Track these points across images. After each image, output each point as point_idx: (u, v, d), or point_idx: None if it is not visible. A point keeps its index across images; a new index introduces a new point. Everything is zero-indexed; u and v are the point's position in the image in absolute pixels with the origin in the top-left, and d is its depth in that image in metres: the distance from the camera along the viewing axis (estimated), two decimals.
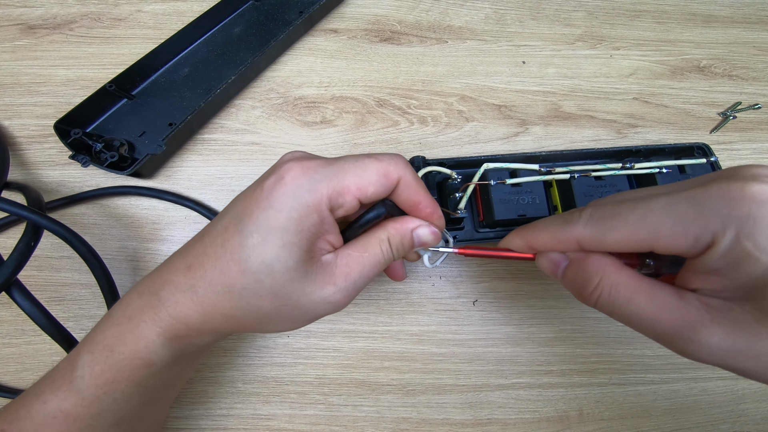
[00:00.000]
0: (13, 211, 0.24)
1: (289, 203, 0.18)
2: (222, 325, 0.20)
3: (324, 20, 0.37)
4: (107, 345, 0.19)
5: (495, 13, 0.38)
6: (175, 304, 0.19)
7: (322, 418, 0.30)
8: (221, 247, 0.19)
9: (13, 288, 0.23)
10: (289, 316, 0.20)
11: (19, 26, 0.35)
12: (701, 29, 0.39)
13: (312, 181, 0.18)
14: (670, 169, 0.29)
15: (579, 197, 0.29)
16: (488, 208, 0.29)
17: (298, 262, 0.18)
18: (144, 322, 0.19)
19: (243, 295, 0.19)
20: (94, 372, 0.19)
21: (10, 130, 0.33)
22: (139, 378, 0.19)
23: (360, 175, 0.19)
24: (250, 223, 0.18)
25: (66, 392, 0.19)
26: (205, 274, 0.19)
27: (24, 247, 0.24)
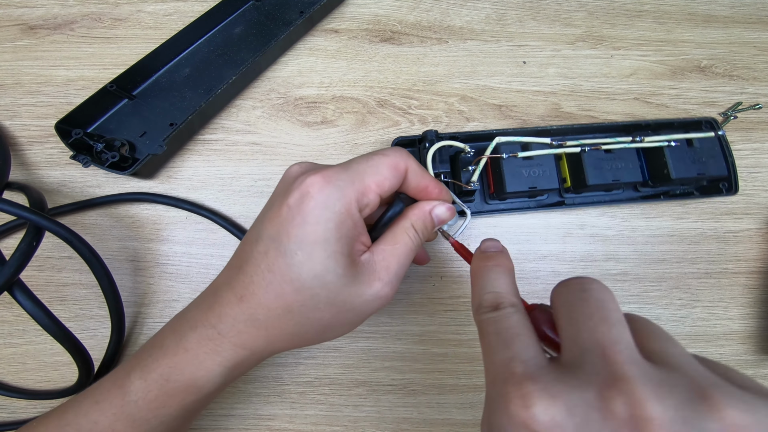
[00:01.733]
0: (15, 212, 0.24)
1: (324, 215, 0.19)
2: (284, 344, 0.21)
3: (324, 20, 0.37)
4: (162, 374, 0.20)
5: (495, 14, 0.38)
6: (238, 335, 0.20)
7: (322, 418, 0.30)
8: (269, 272, 0.19)
9: (15, 288, 0.23)
10: (346, 321, 0.21)
11: (20, 26, 0.35)
12: (702, 29, 0.39)
13: (338, 188, 0.19)
14: (678, 143, 0.30)
15: (589, 170, 0.29)
16: (499, 180, 0.29)
17: (345, 267, 0.19)
18: (205, 354, 0.20)
19: (303, 312, 0.20)
20: (148, 398, 0.20)
21: (11, 131, 0.33)
22: (188, 403, 0.20)
23: (376, 173, 0.20)
24: (290, 242, 0.19)
25: (117, 414, 0.20)
26: (261, 302, 0.20)
27: (26, 247, 0.24)
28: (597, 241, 0.33)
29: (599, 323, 0.14)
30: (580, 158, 0.30)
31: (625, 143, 0.29)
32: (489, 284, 0.19)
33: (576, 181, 0.31)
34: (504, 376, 0.15)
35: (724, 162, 0.31)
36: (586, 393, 0.13)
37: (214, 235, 0.32)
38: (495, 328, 0.17)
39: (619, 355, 0.13)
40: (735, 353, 0.32)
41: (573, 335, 0.15)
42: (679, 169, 0.30)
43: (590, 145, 0.29)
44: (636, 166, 0.30)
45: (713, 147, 0.31)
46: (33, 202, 0.28)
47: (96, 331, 0.30)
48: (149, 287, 0.31)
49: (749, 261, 0.34)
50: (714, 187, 0.33)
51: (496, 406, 0.14)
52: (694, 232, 0.34)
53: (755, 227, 0.34)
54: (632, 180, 0.30)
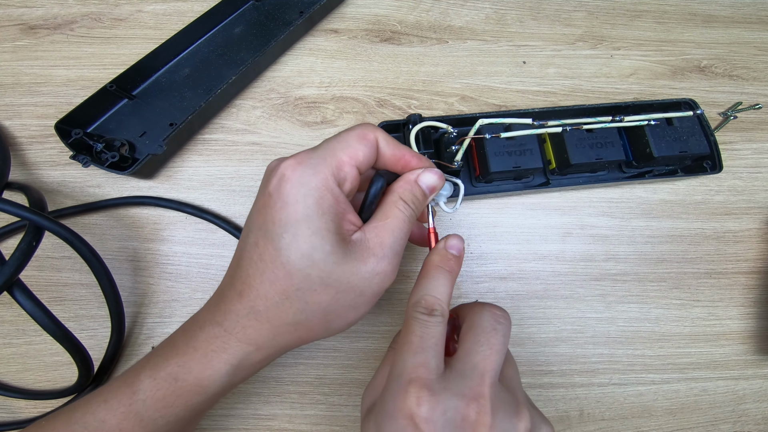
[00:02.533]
0: (15, 212, 0.24)
1: (301, 192, 0.19)
2: (291, 336, 0.21)
3: (324, 20, 0.37)
4: (171, 373, 0.20)
5: (495, 13, 0.38)
6: (243, 330, 0.20)
7: (322, 418, 0.30)
8: (260, 261, 0.19)
9: (14, 288, 0.23)
10: (349, 304, 0.20)
11: (20, 26, 0.35)
12: (702, 29, 0.39)
13: (311, 166, 0.20)
14: (658, 122, 0.30)
15: (571, 148, 0.30)
16: (484, 161, 0.30)
17: (334, 244, 0.19)
18: (212, 352, 0.20)
19: (300, 296, 0.19)
20: (155, 396, 0.20)
21: (11, 131, 0.33)
22: (194, 403, 0.20)
23: (346, 146, 0.20)
24: (275, 227, 0.19)
25: (125, 413, 0.20)
26: (259, 293, 0.20)
27: (26, 247, 0.24)
28: (597, 241, 0.33)
29: (492, 353, 0.20)
30: (563, 138, 0.30)
31: (605, 123, 0.30)
32: (434, 286, 0.21)
33: (560, 161, 0.31)
34: (411, 376, 0.19)
35: (705, 140, 0.31)
36: (459, 401, 0.18)
37: (213, 235, 0.32)
38: (421, 332, 0.20)
39: (489, 378, 0.19)
40: (735, 353, 0.32)
41: (471, 351, 0.20)
42: (660, 147, 0.30)
43: (571, 125, 0.29)
44: (619, 146, 0.31)
45: (693, 126, 0.31)
46: (33, 202, 0.28)
47: (96, 331, 0.30)
48: (149, 287, 0.31)
49: (749, 261, 0.34)
50: (698, 166, 0.33)
51: (393, 394, 0.19)
52: (694, 232, 0.34)
53: (755, 227, 0.34)
54: (616, 158, 0.31)
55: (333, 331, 0.21)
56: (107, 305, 0.28)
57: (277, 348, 0.21)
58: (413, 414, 0.18)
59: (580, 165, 0.30)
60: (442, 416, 0.18)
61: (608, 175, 0.33)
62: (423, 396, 0.18)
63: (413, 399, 0.18)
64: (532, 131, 0.29)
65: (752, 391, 0.32)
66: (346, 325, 0.21)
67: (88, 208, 0.32)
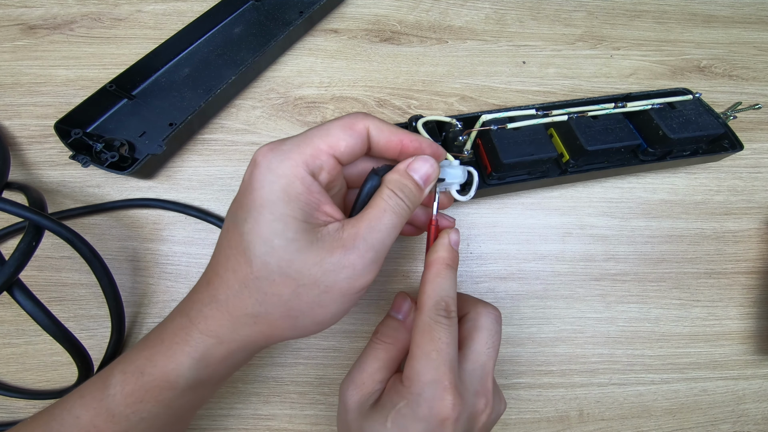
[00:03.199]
0: (15, 211, 0.24)
1: (268, 178, 0.18)
2: (252, 331, 0.19)
3: (324, 20, 0.37)
4: (139, 366, 0.19)
5: (495, 13, 0.38)
6: (204, 320, 0.19)
7: (322, 418, 0.30)
8: (228, 248, 0.19)
9: (14, 288, 0.23)
10: (313, 300, 0.18)
11: (20, 26, 0.35)
12: (701, 29, 0.39)
13: (281, 152, 0.19)
14: (661, 105, 0.30)
15: (582, 134, 0.29)
16: (494, 154, 0.29)
17: (297, 232, 0.18)
18: (176, 344, 0.19)
19: (258, 286, 0.18)
20: (125, 391, 0.19)
21: (11, 131, 0.33)
22: (165, 399, 0.19)
23: (326, 135, 0.19)
24: (241, 212, 0.19)
25: (97, 409, 0.19)
26: (222, 281, 0.19)
27: (25, 247, 0.23)
28: (597, 241, 0.33)
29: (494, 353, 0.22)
30: (570, 126, 0.29)
31: (609, 108, 0.30)
32: (448, 286, 0.22)
33: (573, 150, 0.30)
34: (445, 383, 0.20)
35: (716, 120, 0.31)
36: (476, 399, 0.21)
37: (213, 235, 0.32)
38: (447, 337, 0.20)
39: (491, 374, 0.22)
40: (734, 353, 0.32)
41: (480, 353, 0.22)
42: (673, 129, 0.29)
43: (576, 113, 0.29)
44: (630, 130, 0.30)
45: (696, 108, 0.31)
46: (33, 201, 0.28)
47: (95, 331, 0.30)
48: (149, 287, 0.31)
49: (749, 261, 0.34)
50: (718, 146, 0.33)
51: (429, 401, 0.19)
52: (693, 232, 0.34)
53: (755, 227, 0.34)
54: (631, 142, 0.30)
55: (303, 330, 0.20)
56: (107, 305, 0.28)
57: (240, 343, 0.19)
58: (447, 417, 0.19)
59: (596, 153, 0.29)
60: (465, 414, 0.20)
61: (626, 160, 0.32)
62: (456, 401, 0.19)
63: (449, 405, 0.19)
64: (537, 121, 0.29)
65: (752, 391, 0.32)
66: (315, 325, 0.19)
67: (89, 210, 0.32)
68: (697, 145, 0.32)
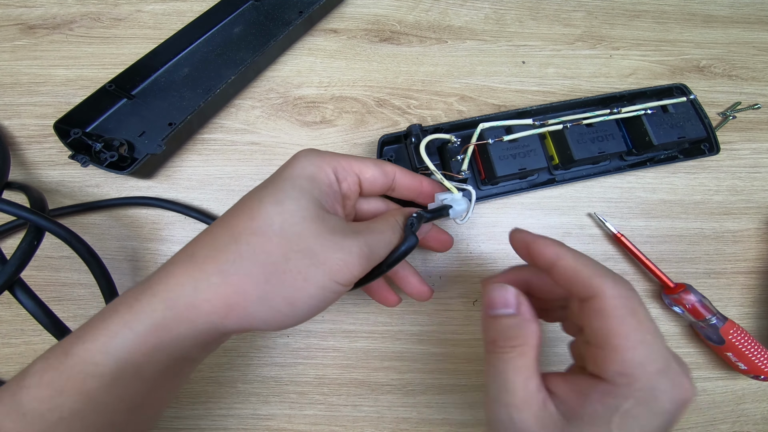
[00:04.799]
0: (15, 212, 0.24)
1: (301, 163, 0.21)
2: (216, 293, 0.17)
3: (324, 20, 0.37)
4: (63, 345, 0.16)
5: (495, 13, 0.38)
6: (164, 280, 0.17)
7: (321, 418, 0.30)
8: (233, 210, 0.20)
9: (16, 287, 0.23)
10: (299, 271, 0.17)
11: (19, 26, 0.35)
12: (701, 29, 0.39)
13: (319, 154, 0.21)
14: (654, 110, 0.31)
15: (573, 145, 0.30)
16: (489, 166, 0.30)
17: (310, 204, 0.19)
18: (115, 313, 0.16)
19: (250, 241, 0.17)
20: (42, 381, 0.15)
21: (10, 130, 0.33)
22: (90, 390, 0.15)
23: (360, 161, 0.22)
24: (263, 187, 0.20)
25: (8, 407, 0.15)
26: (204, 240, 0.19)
27: (27, 247, 0.24)
28: (596, 241, 0.33)
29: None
30: (564, 135, 0.31)
31: (604, 116, 0.30)
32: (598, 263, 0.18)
33: (563, 157, 0.32)
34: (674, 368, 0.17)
35: (701, 123, 0.32)
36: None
37: None
38: (649, 314, 0.17)
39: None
40: None
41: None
42: (659, 135, 0.31)
43: (571, 122, 0.30)
44: (619, 137, 0.31)
45: (688, 111, 0.32)
46: (33, 202, 0.28)
47: None
48: None
49: (748, 261, 0.34)
50: (696, 148, 0.34)
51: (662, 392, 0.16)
52: (693, 231, 0.34)
53: (754, 227, 0.34)
54: (617, 150, 0.31)
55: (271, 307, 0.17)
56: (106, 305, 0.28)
57: (195, 314, 0.16)
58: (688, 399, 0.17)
59: (582, 159, 0.31)
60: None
61: (610, 165, 0.34)
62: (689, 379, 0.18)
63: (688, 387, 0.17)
64: (534, 131, 0.30)
65: (751, 391, 0.32)
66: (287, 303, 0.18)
67: (87, 207, 0.32)
68: (679, 148, 0.34)
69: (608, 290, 0.17)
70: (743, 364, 0.29)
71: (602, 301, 0.17)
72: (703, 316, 0.30)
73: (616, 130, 0.31)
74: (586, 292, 0.18)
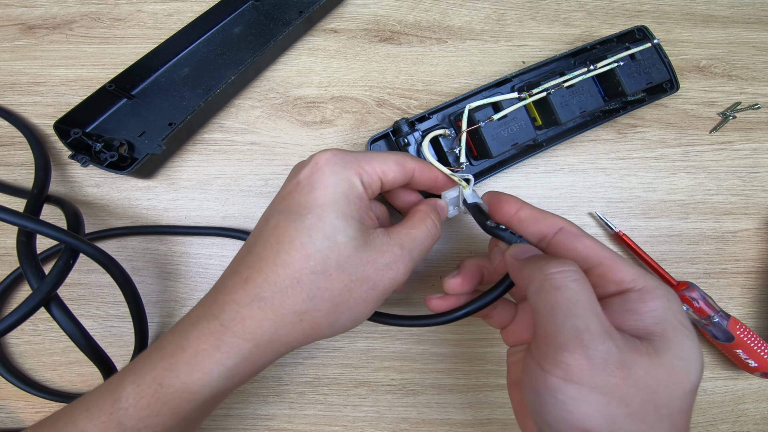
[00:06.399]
0: (55, 235, 0.24)
1: (331, 180, 0.20)
2: (294, 329, 0.19)
3: (324, 20, 0.37)
4: (156, 377, 0.18)
5: (495, 13, 0.38)
6: (241, 321, 0.19)
7: (321, 418, 0.30)
8: (276, 243, 0.19)
9: (51, 303, 0.24)
10: (360, 296, 0.20)
11: (19, 26, 0.35)
12: (701, 29, 0.39)
13: (344, 160, 0.21)
14: (624, 61, 0.32)
15: (559, 108, 0.31)
16: (482, 146, 0.31)
17: (356, 231, 0.19)
18: (203, 351, 0.18)
19: (312, 281, 0.19)
20: (139, 404, 0.18)
21: (10, 130, 0.33)
22: (183, 412, 0.18)
23: (382, 162, 0.22)
24: (300, 209, 0.19)
25: (106, 423, 0.18)
26: (267, 277, 0.19)
27: (63, 265, 0.24)
28: None
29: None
30: (549, 101, 0.31)
31: (582, 75, 0.31)
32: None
33: (546, 119, 0.32)
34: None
35: (664, 67, 0.33)
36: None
37: None
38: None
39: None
40: None
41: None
42: (630, 84, 0.32)
43: (553, 87, 0.30)
44: (595, 92, 0.32)
45: (652, 56, 0.33)
46: (70, 218, 0.28)
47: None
48: (148, 287, 0.31)
49: (748, 261, 0.34)
50: (659, 87, 0.34)
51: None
52: (692, 232, 0.34)
53: (754, 227, 0.34)
54: (595, 106, 0.32)
55: (339, 328, 0.20)
56: (133, 328, 0.29)
57: (277, 345, 0.19)
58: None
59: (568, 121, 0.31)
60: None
61: (589, 121, 0.34)
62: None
63: None
64: (521, 104, 0.30)
65: (751, 391, 0.32)
66: (352, 321, 0.21)
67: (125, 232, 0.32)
68: (645, 93, 0.34)
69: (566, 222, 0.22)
70: (754, 361, 0.29)
71: (571, 227, 0.21)
72: (708, 314, 0.30)
73: (593, 85, 0.32)
74: (552, 227, 0.22)
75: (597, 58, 0.32)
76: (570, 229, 0.21)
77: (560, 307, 0.17)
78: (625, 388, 0.16)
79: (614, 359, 0.16)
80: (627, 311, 0.18)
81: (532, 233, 0.22)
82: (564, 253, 0.21)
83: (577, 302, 0.17)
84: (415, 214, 0.23)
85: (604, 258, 0.20)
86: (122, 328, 0.31)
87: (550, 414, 0.17)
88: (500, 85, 0.33)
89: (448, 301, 0.24)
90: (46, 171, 0.30)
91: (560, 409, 0.16)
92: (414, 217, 0.23)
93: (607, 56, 0.32)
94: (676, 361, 0.17)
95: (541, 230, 0.22)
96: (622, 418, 0.16)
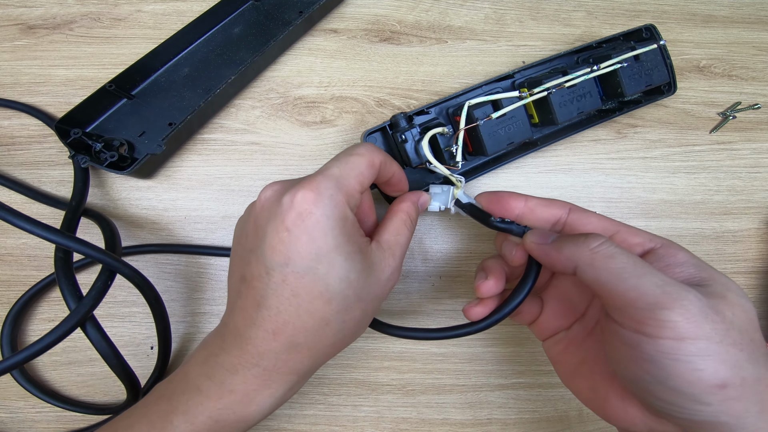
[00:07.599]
0: (93, 255, 0.24)
1: (328, 224, 0.20)
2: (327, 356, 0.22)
3: (324, 20, 0.37)
4: (211, 416, 0.20)
5: (495, 13, 0.38)
6: (284, 364, 0.21)
7: (321, 418, 0.30)
8: (294, 296, 0.20)
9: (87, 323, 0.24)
10: (373, 310, 0.23)
11: (19, 26, 0.35)
12: (701, 29, 0.39)
13: (330, 198, 0.20)
14: (628, 62, 0.31)
15: (557, 108, 0.30)
16: (479, 144, 0.30)
17: (362, 262, 0.21)
18: (254, 391, 0.21)
19: (339, 318, 0.20)
20: None
21: (10, 130, 0.33)
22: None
23: (358, 173, 0.21)
24: (308, 261, 0.19)
25: None
26: (297, 326, 0.20)
27: (101, 286, 0.24)
28: None
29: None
30: (548, 100, 0.30)
31: (585, 75, 0.30)
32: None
33: (544, 118, 0.32)
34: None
35: (666, 69, 0.33)
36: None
37: (212, 235, 0.32)
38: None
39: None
40: None
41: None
42: (630, 86, 0.32)
43: (554, 86, 0.30)
44: (595, 93, 0.32)
45: (656, 57, 0.32)
46: (106, 236, 0.28)
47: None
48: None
49: (748, 261, 0.34)
50: (657, 89, 0.34)
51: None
52: (692, 232, 0.34)
53: (754, 227, 0.34)
54: (593, 107, 0.32)
55: (357, 337, 0.23)
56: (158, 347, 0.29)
57: (317, 368, 0.23)
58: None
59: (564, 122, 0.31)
60: None
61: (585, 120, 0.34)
62: None
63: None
64: (520, 103, 0.29)
65: None
66: (364, 329, 0.23)
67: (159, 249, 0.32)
68: (644, 95, 0.34)
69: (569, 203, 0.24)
70: None
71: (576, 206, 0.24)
72: None
73: (594, 86, 0.32)
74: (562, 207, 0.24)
75: (601, 57, 0.31)
76: (577, 207, 0.24)
77: (626, 271, 0.17)
78: (731, 332, 0.16)
79: (706, 306, 0.16)
80: (668, 266, 0.19)
81: (546, 218, 0.24)
82: (582, 228, 0.23)
83: (636, 263, 0.18)
84: (397, 215, 0.24)
85: (620, 225, 0.22)
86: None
87: (678, 378, 0.16)
88: (501, 81, 0.32)
89: (486, 305, 0.24)
90: (85, 183, 0.30)
91: (689, 369, 0.16)
92: (397, 219, 0.24)
93: (611, 55, 0.31)
94: (736, 298, 0.17)
95: (553, 213, 0.24)
96: (743, 361, 0.16)
